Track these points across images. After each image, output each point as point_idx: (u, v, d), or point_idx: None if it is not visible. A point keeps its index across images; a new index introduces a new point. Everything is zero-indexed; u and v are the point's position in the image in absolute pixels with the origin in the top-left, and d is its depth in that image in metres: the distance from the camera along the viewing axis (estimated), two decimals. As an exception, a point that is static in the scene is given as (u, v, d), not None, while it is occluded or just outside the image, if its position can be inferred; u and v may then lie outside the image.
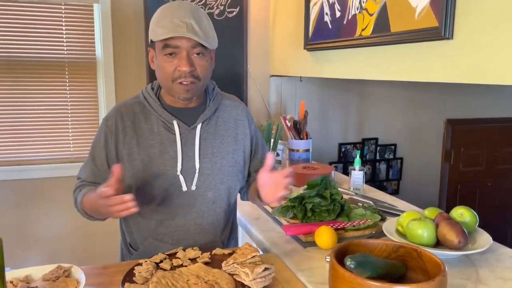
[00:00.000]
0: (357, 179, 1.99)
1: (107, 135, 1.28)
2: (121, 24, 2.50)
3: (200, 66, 1.21)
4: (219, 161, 1.31)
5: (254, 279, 1.04)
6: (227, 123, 1.35)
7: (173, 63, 1.19)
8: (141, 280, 1.06)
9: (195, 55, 1.20)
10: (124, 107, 1.30)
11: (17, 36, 2.38)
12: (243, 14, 2.70)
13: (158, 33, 1.18)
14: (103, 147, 1.28)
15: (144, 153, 1.26)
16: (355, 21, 1.90)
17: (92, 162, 1.30)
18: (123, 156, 1.27)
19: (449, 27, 1.41)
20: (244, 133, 1.38)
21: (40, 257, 2.57)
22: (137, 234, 1.34)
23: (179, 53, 1.18)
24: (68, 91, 2.52)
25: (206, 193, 1.30)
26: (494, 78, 1.30)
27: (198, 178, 1.28)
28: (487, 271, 1.22)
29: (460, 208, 1.39)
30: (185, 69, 1.18)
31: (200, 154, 1.29)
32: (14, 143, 2.46)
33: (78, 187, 1.31)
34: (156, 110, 1.28)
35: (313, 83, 2.91)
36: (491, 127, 3.47)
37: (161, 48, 1.19)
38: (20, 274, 1.06)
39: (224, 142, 1.33)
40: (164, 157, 1.26)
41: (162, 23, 1.18)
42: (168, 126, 1.27)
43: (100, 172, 1.29)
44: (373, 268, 0.95)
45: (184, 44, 1.17)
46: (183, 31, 1.15)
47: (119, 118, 1.28)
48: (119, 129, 1.27)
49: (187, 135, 1.28)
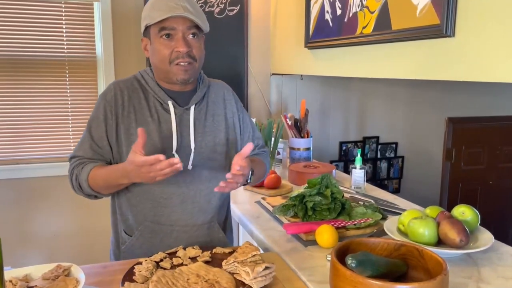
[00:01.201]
0: (358, 177, 1.99)
1: (106, 109, 1.28)
2: (122, 22, 2.50)
3: (196, 47, 1.25)
4: (212, 140, 1.34)
5: (254, 278, 1.04)
6: (216, 103, 1.39)
7: (170, 45, 1.23)
8: (141, 279, 1.06)
9: (190, 37, 1.24)
10: (122, 82, 1.32)
11: (18, 34, 2.37)
12: (244, 13, 2.70)
13: (154, 16, 1.21)
14: (102, 121, 1.28)
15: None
16: (356, 19, 1.89)
17: (90, 138, 1.29)
18: (121, 131, 1.27)
19: (450, 25, 1.40)
20: (232, 111, 1.43)
21: (40, 256, 2.56)
22: (133, 219, 1.34)
23: (175, 35, 1.22)
24: (69, 90, 2.51)
25: (202, 171, 1.32)
26: (495, 76, 1.29)
27: (193, 157, 1.30)
28: (489, 269, 1.22)
29: (461, 206, 1.38)
30: (183, 49, 1.22)
31: (195, 134, 1.31)
32: (14, 141, 2.46)
33: (77, 164, 1.28)
34: (153, 88, 1.30)
35: (314, 81, 2.90)
36: (492, 125, 3.46)
37: (157, 31, 1.23)
38: (20, 273, 1.06)
39: (215, 121, 1.37)
40: (160, 135, 1.28)
41: (157, 7, 1.22)
42: (164, 106, 1.30)
43: (99, 147, 1.28)
44: (374, 267, 0.95)
45: (180, 26, 1.21)
46: (179, 11, 1.19)
47: (119, 91, 1.29)
48: (119, 103, 1.28)
49: (181, 115, 1.31)
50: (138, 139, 1.12)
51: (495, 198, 3.50)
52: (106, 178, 1.22)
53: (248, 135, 1.47)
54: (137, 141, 1.12)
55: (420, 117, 3.25)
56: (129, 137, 1.27)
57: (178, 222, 1.31)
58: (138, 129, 1.13)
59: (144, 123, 1.27)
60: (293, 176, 2.13)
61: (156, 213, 1.31)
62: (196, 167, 1.31)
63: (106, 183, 1.23)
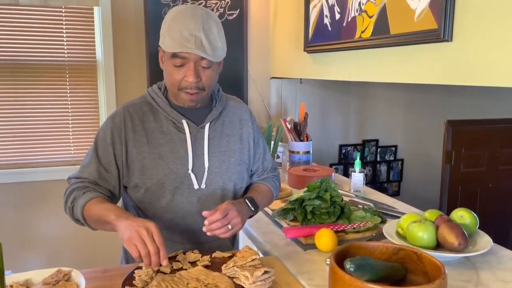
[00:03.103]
0: (357, 181, 1.99)
1: (114, 132, 1.26)
2: (122, 27, 2.51)
3: (206, 76, 1.22)
4: (226, 160, 1.33)
5: (254, 283, 1.04)
6: (233, 123, 1.38)
7: (181, 71, 1.20)
8: (141, 284, 1.06)
9: (203, 66, 1.20)
10: (132, 106, 1.30)
11: (18, 39, 2.38)
12: (243, 16, 2.71)
13: (167, 44, 1.18)
14: (110, 144, 1.25)
15: (154, 151, 1.26)
16: (354, 23, 1.90)
17: (97, 161, 1.25)
18: (132, 155, 1.26)
19: (448, 29, 1.41)
20: (248, 132, 1.40)
21: (41, 260, 2.57)
22: None
23: (187, 63, 1.19)
24: (69, 94, 2.52)
25: (215, 191, 1.31)
26: (493, 80, 1.30)
27: (207, 176, 1.29)
28: (488, 273, 1.22)
29: (460, 210, 1.38)
30: (192, 80, 1.19)
31: (209, 152, 1.30)
32: (15, 146, 2.47)
33: (79, 188, 1.22)
34: (165, 109, 1.28)
35: (313, 85, 2.91)
36: (491, 128, 3.46)
37: (170, 56, 1.20)
38: (20, 278, 1.06)
39: (231, 141, 1.35)
40: (174, 155, 1.27)
41: (171, 33, 1.17)
42: (178, 125, 1.28)
43: (107, 172, 1.25)
44: (373, 271, 0.95)
45: (192, 56, 1.18)
46: (191, 47, 1.15)
47: (128, 116, 1.27)
48: (129, 127, 1.26)
49: (196, 134, 1.29)
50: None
51: (495, 201, 3.50)
52: (99, 212, 1.15)
53: (259, 156, 1.45)
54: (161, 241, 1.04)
55: (420, 120, 3.26)
56: (142, 160, 1.25)
57: (191, 240, 1.31)
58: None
59: (156, 146, 1.26)
60: (293, 179, 2.13)
61: (168, 231, 1.29)
62: (209, 186, 1.30)
63: (102, 223, 1.15)
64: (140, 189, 1.27)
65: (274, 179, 1.49)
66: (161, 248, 1.02)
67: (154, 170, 1.26)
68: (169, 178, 1.26)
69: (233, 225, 1.15)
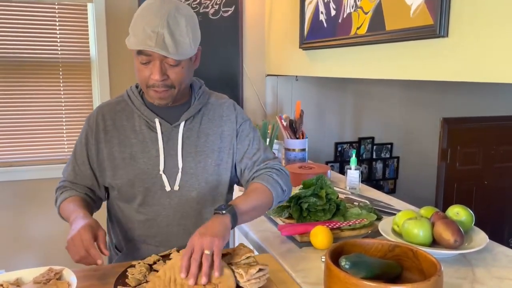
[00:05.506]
0: (353, 178, 1.98)
1: (88, 133, 1.28)
2: (116, 23, 2.48)
3: (174, 74, 1.16)
4: (203, 160, 1.27)
5: (248, 280, 1.03)
6: (212, 121, 1.30)
7: (147, 69, 1.15)
8: (134, 283, 1.04)
9: (169, 63, 1.15)
10: (106, 106, 1.30)
11: (11, 36, 2.36)
12: (238, 13, 2.69)
13: (131, 41, 1.14)
14: (84, 145, 1.28)
15: (125, 151, 1.25)
16: (350, 19, 1.89)
17: (74, 161, 1.30)
18: (104, 155, 1.26)
19: (444, 25, 1.41)
20: (230, 129, 1.31)
21: (34, 258, 2.55)
22: (122, 236, 1.33)
23: (152, 61, 1.14)
24: (62, 91, 2.50)
25: (189, 193, 1.27)
26: (489, 76, 1.29)
27: (181, 177, 1.25)
28: (484, 270, 1.22)
29: (456, 207, 1.38)
30: (157, 78, 1.14)
31: (183, 153, 1.26)
32: (7, 144, 2.44)
33: (59, 187, 1.31)
34: (139, 108, 1.26)
35: (309, 82, 2.90)
36: (487, 125, 3.47)
37: (136, 53, 1.16)
38: (11, 277, 1.05)
39: (209, 140, 1.29)
40: (145, 155, 1.24)
41: (135, 30, 1.13)
42: (150, 124, 1.25)
43: (81, 171, 1.28)
44: (368, 268, 0.94)
45: (156, 54, 1.12)
46: (151, 44, 1.09)
47: (100, 116, 1.28)
48: (100, 128, 1.26)
49: (169, 133, 1.25)
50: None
51: (491, 198, 3.51)
52: (67, 217, 1.20)
53: (246, 151, 1.32)
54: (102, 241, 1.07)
55: (415, 118, 3.26)
56: (113, 161, 1.25)
57: (164, 244, 1.28)
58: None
59: (127, 145, 1.25)
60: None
61: (141, 233, 1.29)
62: (183, 188, 1.26)
63: (67, 218, 1.21)
64: (114, 190, 1.27)
65: (270, 173, 1.27)
66: (88, 250, 1.02)
67: (124, 170, 1.24)
68: (139, 179, 1.24)
69: (209, 248, 0.99)
